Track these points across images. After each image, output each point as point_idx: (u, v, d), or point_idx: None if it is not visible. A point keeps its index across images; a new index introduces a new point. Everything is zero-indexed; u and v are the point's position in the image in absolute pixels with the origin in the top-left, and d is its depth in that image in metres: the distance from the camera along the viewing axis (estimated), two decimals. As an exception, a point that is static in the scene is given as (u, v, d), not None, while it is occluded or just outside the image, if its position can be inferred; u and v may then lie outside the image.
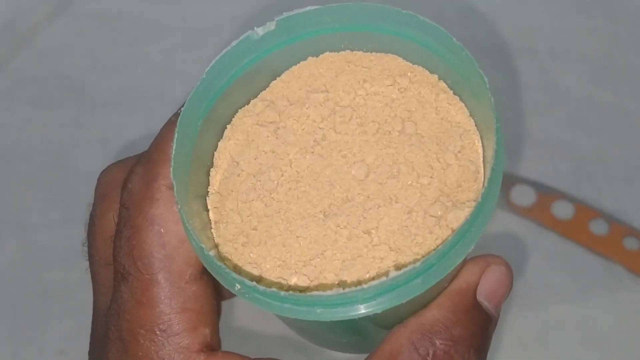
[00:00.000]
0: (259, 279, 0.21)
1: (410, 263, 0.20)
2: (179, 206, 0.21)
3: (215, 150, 0.24)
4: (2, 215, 0.53)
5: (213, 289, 0.24)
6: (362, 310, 0.20)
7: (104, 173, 0.27)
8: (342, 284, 0.21)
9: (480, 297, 0.22)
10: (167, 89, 0.58)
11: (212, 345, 0.23)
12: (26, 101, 0.57)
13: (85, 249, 0.27)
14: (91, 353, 0.25)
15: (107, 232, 0.24)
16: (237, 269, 0.22)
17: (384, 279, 0.19)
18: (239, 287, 0.20)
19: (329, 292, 0.20)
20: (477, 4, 0.61)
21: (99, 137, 0.56)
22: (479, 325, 0.22)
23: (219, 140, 0.24)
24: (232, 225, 0.22)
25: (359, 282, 0.20)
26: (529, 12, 0.60)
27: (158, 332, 0.22)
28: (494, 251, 0.24)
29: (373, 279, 0.20)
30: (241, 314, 0.49)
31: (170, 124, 0.24)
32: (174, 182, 0.21)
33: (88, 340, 0.48)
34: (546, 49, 0.58)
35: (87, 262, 0.27)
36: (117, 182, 0.25)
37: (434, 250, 0.20)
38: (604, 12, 0.60)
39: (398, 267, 0.21)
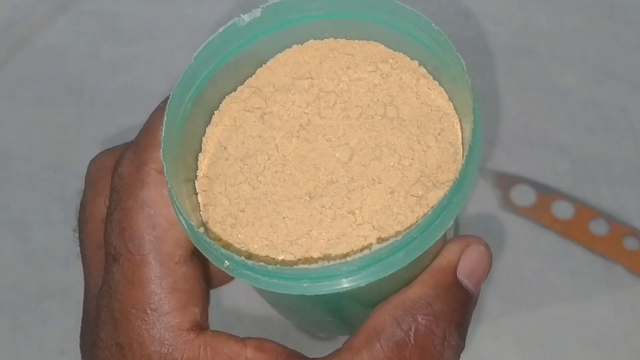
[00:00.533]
0: (247, 257, 0.22)
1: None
2: (169, 186, 0.21)
3: (204, 136, 0.24)
4: (2, 214, 0.53)
5: (202, 271, 0.24)
6: (346, 283, 0.20)
7: (93, 161, 0.27)
8: (328, 260, 0.21)
9: (461, 276, 0.23)
10: (167, 89, 0.57)
11: (202, 325, 0.23)
12: (26, 101, 0.57)
13: (76, 234, 0.27)
14: (83, 336, 0.26)
15: (97, 217, 0.25)
16: (225, 249, 0.22)
17: (367, 252, 0.20)
18: (227, 263, 0.21)
19: (314, 265, 0.20)
20: (477, 5, 0.61)
21: (99, 136, 0.56)
22: (460, 301, 0.22)
23: (207, 126, 0.24)
24: (220, 208, 0.23)
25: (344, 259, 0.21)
26: (529, 13, 0.60)
27: (149, 311, 0.22)
28: (493, 250, 0.24)
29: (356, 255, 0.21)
30: (228, 301, 0.49)
31: (159, 110, 0.24)
32: (164, 164, 0.21)
33: (88, 339, 0.49)
34: (546, 49, 0.58)
35: (79, 248, 0.27)
36: (106, 169, 0.25)
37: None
38: (604, 12, 0.60)
39: (382, 245, 0.21)
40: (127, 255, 0.22)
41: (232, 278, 0.24)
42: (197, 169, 0.24)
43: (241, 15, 0.23)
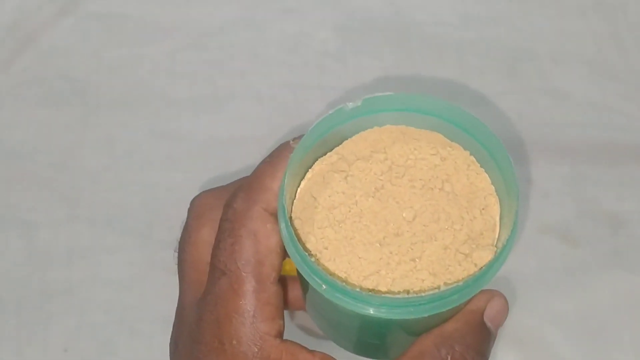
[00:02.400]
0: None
1: (442, 286, 0.28)
2: (287, 223, 0.28)
3: (298, 187, 0.31)
4: (7, 213, 0.53)
5: (284, 293, 0.31)
6: (415, 314, 0.27)
7: (198, 197, 0.33)
8: (392, 294, 0.28)
9: (486, 319, 0.30)
10: (171, 90, 0.58)
11: (282, 335, 0.29)
12: (31, 101, 0.57)
13: (176, 254, 0.33)
14: (176, 337, 0.32)
15: (200, 242, 0.31)
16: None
17: (436, 291, 0.27)
18: (325, 287, 0.27)
19: (398, 296, 0.27)
20: (478, 8, 0.61)
21: (104, 137, 0.56)
22: (484, 338, 0.29)
23: (302, 180, 0.31)
24: (308, 244, 0.29)
25: (408, 291, 0.28)
26: (530, 16, 0.61)
27: (247, 318, 0.28)
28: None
29: (415, 293, 0.28)
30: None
31: (266, 163, 0.30)
32: (284, 208, 0.28)
33: (91, 337, 0.49)
34: (546, 51, 0.59)
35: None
36: (208, 205, 0.32)
37: (462, 278, 0.28)
38: (604, 15, 0.60)
39: (434, 288, 0.28)
40: (235, 271, 0.28)
41: (298, 306, 0.34)
42: (291, 212, 0.30)
43: (347, 103, 0.30)
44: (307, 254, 0.28)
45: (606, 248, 0.51)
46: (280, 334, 0.29)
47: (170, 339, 0.33)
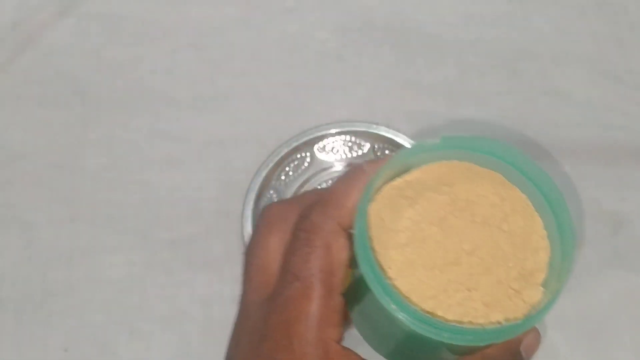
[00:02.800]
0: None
1: (495, 317, 0.30)
2: (364, 244, 0.30)
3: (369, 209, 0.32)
4: (7, 213, 0.53)
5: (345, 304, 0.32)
6: (473, 342, 0.29)
7: (270, 207, 0.35)
8: (446, 319, 0.30)
9: (522, 348, 0.32)
10: (171, 90, 0.58)
11: (342, 341, 0.31)
12: (32, 101, 0.57)
13: (242, 258, 0.35)
14: (238, 334, 0.33)
15: (269, 248, 0.33)
16: None
17: (498, 325, 0.29)
18: (394, 307, 0.29)
19: (463, 326, 0.29)
20: (478, 8, 0.61)
21: (104, 136, 0.56)
22: None
23: (371, 202, 0.32)
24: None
25: (459, 322, 0.30)
26: (530, 16, 0.61)
27: (316, 322, 0.30)
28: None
29: (469, 322, 0.29)
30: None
31: (340, 182, 0.33)
32: (363, 235, 0.30)
33: (91, 337, 0.49)
34: (547, 52, 0.59)
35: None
36: (279, 216, 0.33)
37: (511, 311, 0.30)
38: (604, 15, 0.61)
39: (486, 319, 0.29)
40: (309, 278, 0.30)
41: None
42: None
43: (427, 140, 0.32)
44: (383, 274, 0.29)
45: (606, 248, 0.51)
46: (341, 341, 0.31)
47: (232, 336, 0.34)
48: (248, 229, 0.49)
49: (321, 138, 0.52)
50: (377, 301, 0.29)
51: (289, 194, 0.52)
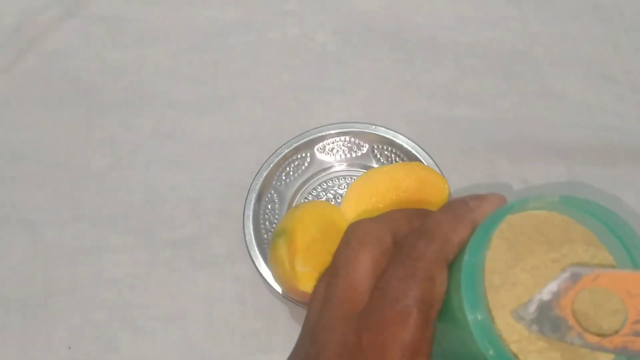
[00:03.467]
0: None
1: None
2: (471, 292, 0.30)
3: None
4: (12, 213, 0.54)
5: None
6: None
7: (361, 224, 0.34)
8: None
9: None
10: (174, 91, 0.58)
11: None
12: (36, 102, 0.58)
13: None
14: (318, 348, 0.33)
15: (361, 265, 0.33)
16: None
17: None
18: (492, 353, 0.29)
19: None
20: (475, 11, 0.61)
21: (107, 137, 0.56)
22: None
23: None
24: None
25: None
26: (526, 18, 0.61)
27: (410, 349, 0.30)
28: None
29: None
30: None
31: (446, 215, 0.32)
32: (473, 271, 0.30)
33: (95, 334, 0.49)
34: (543, 53, 0.59)
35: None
36: (373, 234, 0.33)
37: None
38: (600, 17, 0.61)
39: None
40: (410, 306, 0.30)
41: None
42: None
43: (547, 195, 0.32)
44: (493, 323, 0.30)
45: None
46: None
47: (310, 343, 0.34)
48: (249, 228, 0.49)
49: (321, 139, 0.52)
50: (464, 340, 0.30)
51: (289, 193, 0.52)
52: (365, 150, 0.53)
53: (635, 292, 0.30)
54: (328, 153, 0.53)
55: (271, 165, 0.51)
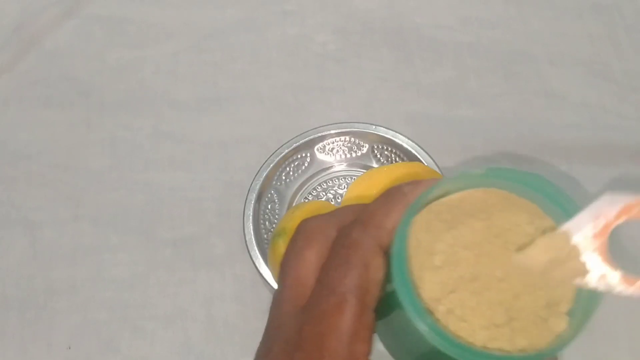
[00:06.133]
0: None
1: (520, 343, 0.30)
2: (400, 272, 0.31)
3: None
4: (12, 213, 0.54)
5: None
6: None
7: (309, 221, 0.35)
8: (473, 343, 0.30)
9: None
10: (173, 91, 0.58)
11: (370, 356, 0.32)
12: (36, 102, 0.58)
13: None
14: (271, 341, 0.34)
15: (307, 260, 0.34)
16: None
17: (525, 354, 0.30)
18: (427, 329, 0.29)
19: (492, 352, 0.30)
20: (476, 11, 0.61)
21: (107, 137, 0.56)
22: None
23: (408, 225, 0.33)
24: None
25: (485, 346, 0.30)
26: (527, 18, 0.61)
27: (348, 336, 0.31)
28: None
29: (495, 346, 0.30)
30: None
31: (380, 203, 0.33)
32: (402, 256, 0.31)
33: (94, 334, 0.49)
34: (543, 53, 0.59)
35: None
36: (319, 230, 0.34)
37: (537, 338, 0.30)
38: (600, 17, 0.61)
39: (512, 344, 0.30)
40: (345, 294, 0.31)
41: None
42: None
43: (471, 169, 0.32)
44: (419, 300, 0.30)
45: (602, 247, 0.51)
46: (369, 356, 0.32)
47: (263, 343, 0.35)
48: (249, 228, 0.49)
49: (321, 139, 0.52)
50: (409, 320, 0.30)
51: (289, 193, 0.52)
52: (365, 150, 0.53)
53: None
54: (328, 153, 0.53)
55: (271, 165, 0.51)
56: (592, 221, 0.30)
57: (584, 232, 0.30)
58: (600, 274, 0.29)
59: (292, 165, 0.52)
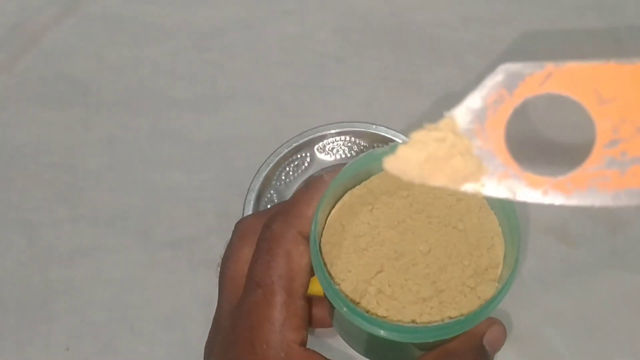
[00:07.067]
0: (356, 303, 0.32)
1: (450, 314, 0.31)
2: (315, 253, 0.31)
3: (329, 215, 0.33)
4: (9, 213, 0.54)
5: (309, 308, 0.34)
6: (421, 339, 0.30)
7: (243, 220, 0.37)
8: (402, 320, 0.31)
9: (485, 342, 0.33)
10: (172, 90, 0.58)
11: (305, 344, 0.33)
12: (34, 101, 0.58)
13: (218, 269, 0.37)
14: (211, 342, 0.35)
15: (241, 259, 0.34)
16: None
17: (441, 323, 0.30)
18: (345, 309, 0.30)
19: (407, 325, 0.30)
20: (477, 9, 0.61)
21: (105, 137, 0.56)
22: (480, 358, 0.33)
23: (333, 209, 0.33)
24: (335, 267, 0.32)
25: (415, 321, 0.31)
26: (529, 17, 0.61)
27: (277, 326, 0.31)
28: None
29: (426, 321, 0.31)
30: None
31: (301, 192, 0.34)
32: (313, 237, 0.31)
33: (93, 336, 0.49)
34: (545, 52, 0.59)
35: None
36: (252, 228, 0.35)
37: (466, 308, 0.31)
38: (602, 16, 0.61)
39: (442, 316, 0.31)
40: (270, 285, 0.32)
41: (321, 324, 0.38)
42: (322, 237, 0.33)
43: (376, 146, 0.35)
44: (332, 280, 0.31)
45: (604, 248, 0.51)
46: (304, 343, 0.33)
47: (206, 344, 0.36)
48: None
49: (321, 138, 0.52)
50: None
51: (289, 193, 0.52)
52: (365, 150, 0.53)
53: (608, 95, 0.20)
54: (328, 153, 0.53)
55: (271, 165, 0.51)
56: (484, 102, 0.21)
57: (473, 119, 0.21)
58: (499, 175, 0.21)
59: (292, 165, 0.52)
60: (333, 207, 0.34)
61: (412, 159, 0.23)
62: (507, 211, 0.32)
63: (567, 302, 0.50)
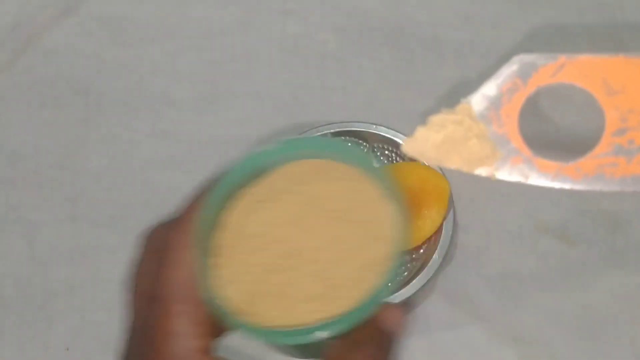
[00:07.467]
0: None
1: (341, 309, 0.30)
2: (198, 264, 0.30)
3: (224, 216, 0.32)
4: (9, 213, 0.54)
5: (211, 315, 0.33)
6: (309, 339, 0.30)
7: (149, 230, 0.35)
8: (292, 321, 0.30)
9: (387, 326, 0.32)
10: (172, 90, 0.58)
11: (212, 351, 0.32)
12: (34, 101, 0.58)
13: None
14: (127, 355, 0.33)
15: (146, 274, 0.33)
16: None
17: (323, 323, 0.30)
18: (231, 321, 0.29)
19: (285, 329, 0.30)
20: (477, 9, 0.61)
21: (105, 137, 0.56)
22: (383, 340, 0.32)
23: (227, 210, 0.32)
24: (230, 270, 0.31)
25: (304, 322, 0.30)
26: (528, 16, 0.61)
27: (179, 336, 0.30)
28: (493, 247, 0.26)
29: (317, 319, 0.30)
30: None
31: (193, 197, 0.33)
32: (195, 249, 0.30)
33: (93, 336, 0.49)
34: (546, 51, 0.58)
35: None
36: (160, 239, 0.33)
37: (357, 301, 0.30)
38: (603, 15, 0.61)
39: (333, 312, 0.30)
40: (170, 295, 0.31)
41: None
42: (217, 239, 0.32)
43: (268, 144, 0.33)
44: (212, 295, 0.30)
45: (604, 248, 0.51)
46: (209, 351, 0.32)
47: None
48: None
49: (321, 138, 0.52)
50: None
51: (289, 193, 0.52)
52: (365, 150, 0.53)
53: (617, 86, 0.20)
54: (328, 153, 0.53)
55: (271, 165, 0.51)
56: (499, 90, 0.21)
57: (488, 105, 0.22)
58: (512, 159, 0.22)
59: (292, 165, 0.52)
60: (229, 207, 0.33)
61: (430, 140, 0.25)
62: (401, 201, 0.32)
63: (566, 302, 0.50)
